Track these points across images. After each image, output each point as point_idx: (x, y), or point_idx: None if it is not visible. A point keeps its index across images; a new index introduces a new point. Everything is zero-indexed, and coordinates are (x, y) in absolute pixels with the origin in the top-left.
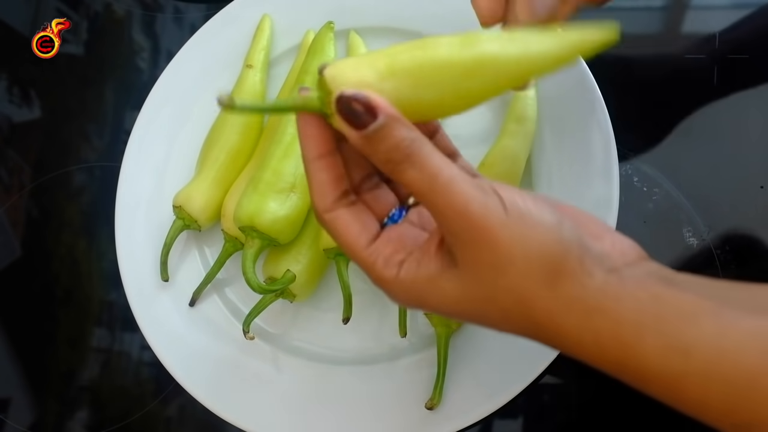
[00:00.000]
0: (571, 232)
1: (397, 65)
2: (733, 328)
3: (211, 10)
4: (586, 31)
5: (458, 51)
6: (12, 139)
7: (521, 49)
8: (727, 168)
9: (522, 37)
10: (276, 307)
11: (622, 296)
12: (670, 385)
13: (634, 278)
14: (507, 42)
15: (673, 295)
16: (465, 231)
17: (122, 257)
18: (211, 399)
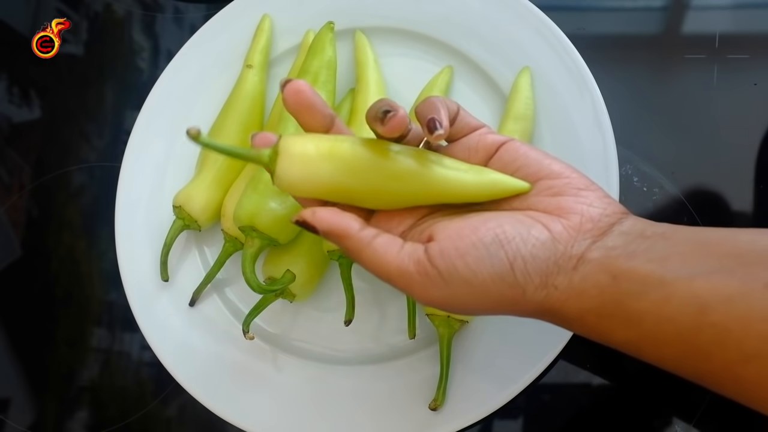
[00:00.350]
0: (523, 270)
1: (337, 151)
2: (675, 295)
3: (211, 10)
4: (506, 177)
5: (391, 156)
6: (12, 139)
7: (443, 174)
8: (727, 168)
9: (448, 163)
10: (276, 307)
11: (585, 288)
12: (631, 350)
13: (594, 263)
14: (433, 164)
15: (628, 271)
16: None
17: (122, 257)
18: (211, 399)
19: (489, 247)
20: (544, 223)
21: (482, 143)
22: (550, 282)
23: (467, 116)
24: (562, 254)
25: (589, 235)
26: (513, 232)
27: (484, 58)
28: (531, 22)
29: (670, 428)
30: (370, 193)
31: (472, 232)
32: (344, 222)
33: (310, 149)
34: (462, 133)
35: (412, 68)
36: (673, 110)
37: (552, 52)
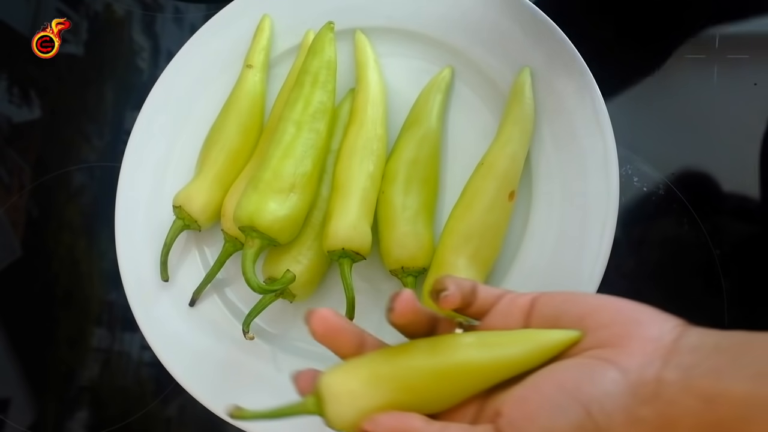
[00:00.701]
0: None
1: (378, 378)
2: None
3: (211, 10)
4: (553, 333)
5: (431, 360)
6: (12, 139)
7: (490, 355)
8: (728, 168)
9: (491, 341)
10: (276, 307)
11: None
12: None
13: (677, 386)
14: (476, 349)
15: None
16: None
17: (122, 257)
18: (211, 399)
19: (559, 402)
20: (605, 358)
21: (515, 306)
22: (635, 416)
23: (487, 288)
24: (636, 383)
25: (656, 355)
26: (578, 377)
27: (484, 58)
28: (531, 22)
29: None
30: (426, 401)
31: (535, 393)
32: (407, 422)
33: (353, 385)
34: (488, 304)
35: (412, 68)
36: (673, 110)
37: (552, 52)
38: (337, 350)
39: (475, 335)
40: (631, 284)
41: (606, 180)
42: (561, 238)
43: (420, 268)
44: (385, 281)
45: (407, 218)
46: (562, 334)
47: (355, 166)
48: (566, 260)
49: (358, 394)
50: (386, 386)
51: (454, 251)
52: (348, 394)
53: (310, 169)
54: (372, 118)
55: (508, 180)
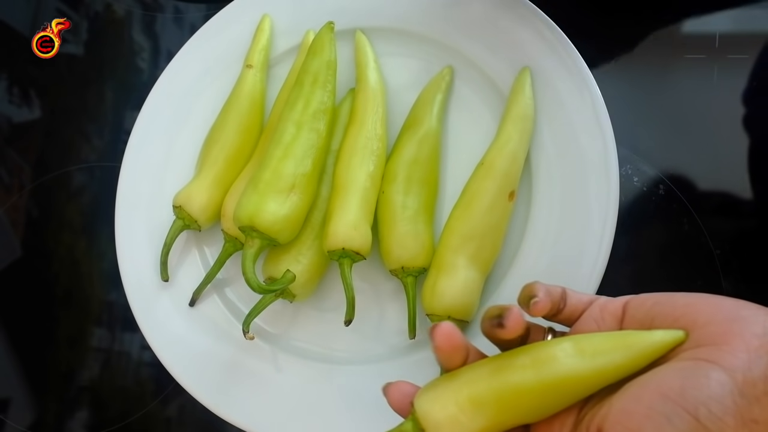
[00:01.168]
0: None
1: (479, 399)
2: None
3: (211, 10)
4: (655, 335)
5: (532, 375)
6: (12, 139)
7: (593, 365)
8: (727, 168)
9: (591, 349)
10: (276, 307)
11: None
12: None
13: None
14: (578, 358)
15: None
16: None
17: (122, 257)
18: (211, 399)
19: (664, 411)
20: (706, 359)
21: (606, 311)
22: (747, 417)
23: (576, 294)
24: (744, 383)
25: (762, 351)
26: (680, 383)
27: (484, 58)
28: (531, 22)
29: None
30: (526, 415)
31: (637, 404)
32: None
33: (453, 411)
34: (579, 310)
35: (412, 68)
36: (673, 110)
37: (552, 52)
38: (449, 365)
39: (572, 342)
40: (630, 284)
41: (606, 180)
42: (561, 238)
43: (420, 268)
44: (385, 281)
45: (407, 218)
46: (665, 335)
47: (355, 166)
48: (566, 260)
49: (460, 421)
50: (486, 408)
51: (455, 251)
52: (449, 422)
53: (310, 169)
54: (372, 118)
55: (508, 180)
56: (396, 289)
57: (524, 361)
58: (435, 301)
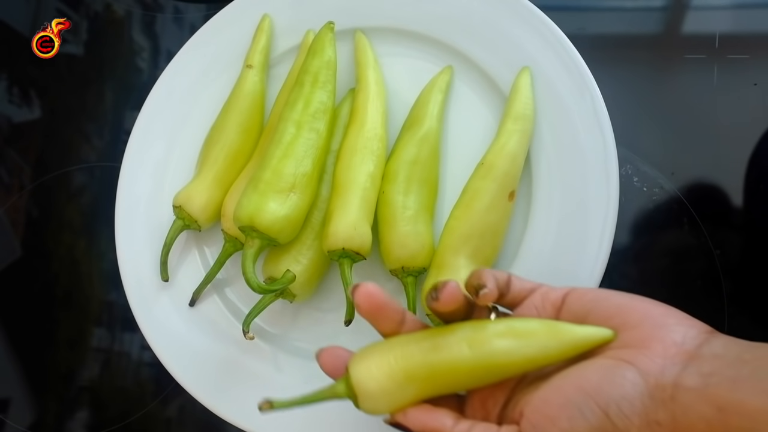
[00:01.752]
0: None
1: (412, 373)
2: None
3: (211, 10)
4: (586, 330)
5: (466, 352)
6: (12, 139)
7: (523, 348)
8: (728, 168)
9: (524, 333)
10: (276, 307)
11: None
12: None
13: (694, 392)
14: (510, 340)
15: (735, 404)
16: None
17: (122, 257)
18: (211, 399)
19: (578, 403)
20: (626, 360)
21: (547, 300)
22: (651, 419)
23: (521, 281)
24: (655, 386)
25: (677, 359)
26: (597, 379)
27: (484, 58)
28: (531, 22)
29: None
30: (458, 388)
31: (556, 394)
32: (437, 421)
33: (386, 383)
34: (521, 296)
35: (412, 68)
36: (673, 110)
37: (552, 52)
38: (379, 327)
39: (507, 324)
40: (630, 284)
41: (606, 180)
42: (561, 238)
43: (420, 268)
44: (385, 281)
45: (407, 218)
46: (596, 332)
47: (355, 166)
48: (566, 260)
49: (391, 392)
50: (419, 380)
51: (455, 251)
52: (381, 392)
53: (310, 169)
54: (372, 118)
55: (508, 180)
56: (396, 289)
57: (459, 338)
58: None
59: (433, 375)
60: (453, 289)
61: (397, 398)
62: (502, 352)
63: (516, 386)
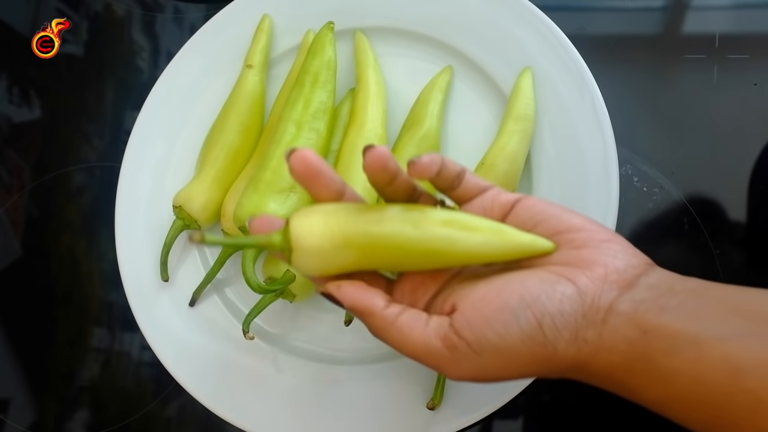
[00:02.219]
0: (552, 327)
1: (351, 240)
2: (708, 356)
3: (211, 10)
4: (528, 237)
5: (408, 231)
6: (12, 139)
7: (465, 239)
8: (727, 168)
9: (469, 225)
10: (276, 307)
11: (615, 342)
12: (660, 409)
13: (624, 316)
14: (453, 229)
15: (659, 327)
16: None
17: (122, 257)
18: (211, 399)
19: (515, 310)
20: (568, 277)
21: (497, 202)
22: (580, 336)
23: (475, 178)
24: (590, 307)
25: (615, 286)
26: (537, 290)
27: (484, 58)
28: (531, 22)
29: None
30: (391, 267)
31: (496, 296)
32: (369, 300)
33: (324, 244)
34: (472, 193)
35: (412, 68)
36: (673, 110)
37: (552, 52)
38: (315, 194)
39: (451, 214)
40: None
41: (606, 180)
42: None
43: None
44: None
45: None
46: (539, 241)
47: (355, 166)
48: None
49: (327, 252)
50: (355, 250)
51: None
52: (316, 251)
53: None
54: (372, 118)
55: (508, 180)
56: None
57: (405, 217)
58: None
59: (372, 246)
60: (377, 154)
61: (330, 261)
62: (445, 239)
63: (449, 280)
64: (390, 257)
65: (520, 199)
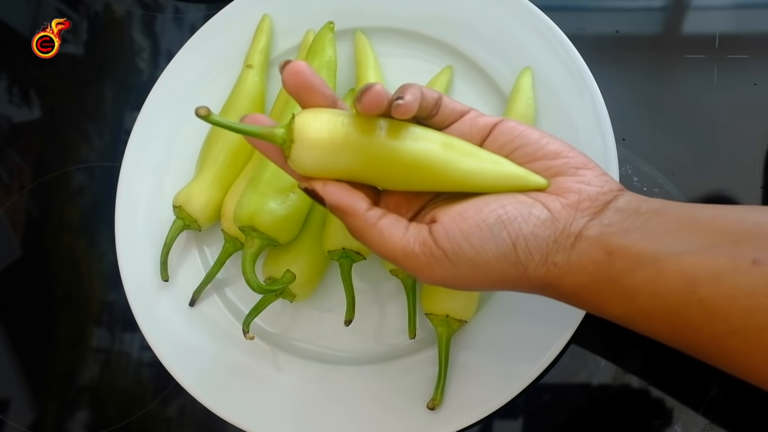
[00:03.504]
0: (525, 249)
1: (352, 141)
2: (666, 271)
3: (211, 10)
4: (523, 171)
5: (409, 144)
6: (12, 139)
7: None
8: (727, 168)
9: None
10: (276, 307)
11: (582, 264)
12: (626, 323)
13: (591, 239)
14: (444, 149)
15: (623, 248)
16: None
17: (122, 257)
18: (211, 399)
19: (492, 228)
20: (543, 202)
21: (475, 126)
22: (549, 259)
23: (452, 102)
24: (561, 232)
25: (587, 213)
26: (515, 212)
27: (484, 58)
28: (531, 22)
29: (670, 428)
30: (384, 180)
31: (475, 214)
32: (353, 200)
33: (325, 139)
34: (450, 119)
35: (412, 68)
36: (673, 110)
37: (552, 52)
38: (306, 106)
39: (452, 139)
40: None
41: None
42: None
43: None
44: (385, 281)
45: None
46: (531, 177)
47: None
48: None
49: (327, 150)
50: (356, 154)
51: None
52: (318, 146)
53: None
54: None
55: None
56: (396, 289)
57: (407, 134)
58: (434, 301)
59: (371, 152)
60: (375, 94)
61: (327, 160)
62: (443, 158)
63: (432, 200)
64: (386, 169)
65: (498, 123)
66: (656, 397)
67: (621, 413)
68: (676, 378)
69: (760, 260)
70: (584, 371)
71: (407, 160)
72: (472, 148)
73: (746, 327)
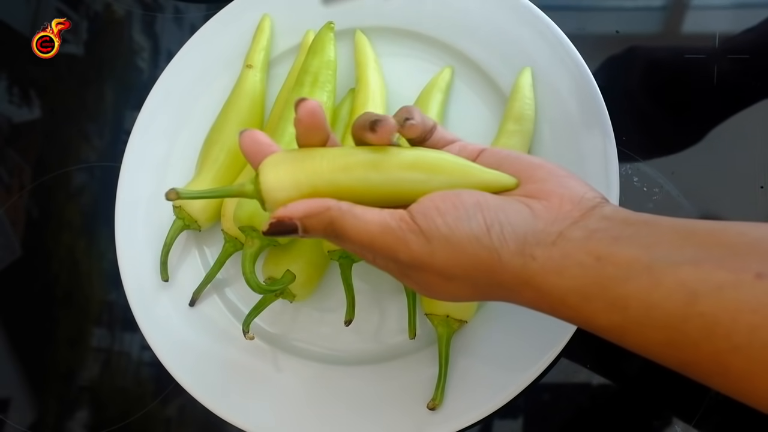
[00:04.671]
0: (498, 235)
1: (317, 189)
2: (663, 281)
3: (211, 10)
4: (491, 172)
5: (372, 177)
6: (12, 139)
7: (433, 182)
8: (727, 168)
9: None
10: (276, 307)
11: (566, 266)
12: (615, 335)
13: (576, 242)
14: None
15: (613, 255)
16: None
17: (122, 257)
18: (211, 399)
19: (469, 210)
20: (524, 203)
21: (463, 152)
22: (527, 251)
23: (443, 131)
24: (541, 231)
25: (569, 216)
26: (495, 204)
27: (484, 58)
28: (531, 22)
29: (670, 428)
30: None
31: (454, 196)
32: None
33: (293, 195)
34: (441, 144)
35: (412, 68)
36: (673, 110)
37: (552, 52)
38: (306, 141)
39: (417, 154)
40: None
41: (606, 180)
42: None
43: None
44: (385, 281)
45: None
46: (501, 178)
47: None
48: None
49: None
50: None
51: None
52: (288, 201)
53: None
54: None
55: None
56: (396, 289)
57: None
58: (434, 301)
59: (338, 193)
60: (391, 126)
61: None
62: (409, 182)
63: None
64: (357, 200)
65: (485, 149)
66: (656, 397)
67: (621, 413)
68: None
69: (765, 274)
70: (584, 371)
71: (374, 193)
72: (437, 162)
73: (750, 344)
